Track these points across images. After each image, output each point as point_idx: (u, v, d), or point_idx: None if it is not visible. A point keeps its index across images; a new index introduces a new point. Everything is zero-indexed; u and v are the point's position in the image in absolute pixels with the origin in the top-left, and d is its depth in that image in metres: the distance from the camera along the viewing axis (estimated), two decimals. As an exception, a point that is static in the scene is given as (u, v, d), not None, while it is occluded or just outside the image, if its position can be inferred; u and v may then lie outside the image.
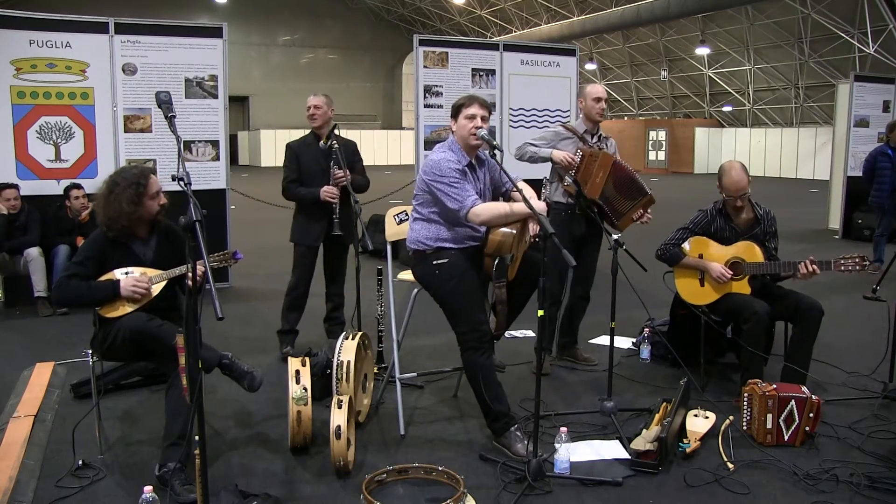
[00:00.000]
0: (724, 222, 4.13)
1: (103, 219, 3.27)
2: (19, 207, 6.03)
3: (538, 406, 3.05)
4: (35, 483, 3.05)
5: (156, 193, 3.30)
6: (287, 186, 4.72)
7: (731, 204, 4.08)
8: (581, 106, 4.61)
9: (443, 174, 3.34)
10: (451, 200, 3.32)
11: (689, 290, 4.17)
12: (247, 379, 3.37)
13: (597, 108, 4.53)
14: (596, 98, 4.52)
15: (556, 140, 4.50)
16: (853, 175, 10.35)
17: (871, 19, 21.07)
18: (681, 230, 4.22)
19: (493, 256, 3.33)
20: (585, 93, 4.57)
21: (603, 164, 4.31)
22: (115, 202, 3.22)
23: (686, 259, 4.15)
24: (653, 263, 4.11)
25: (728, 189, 4.05)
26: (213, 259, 3.35)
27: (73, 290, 3.18)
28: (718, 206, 4.16)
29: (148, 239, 3.38)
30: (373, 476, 2.86)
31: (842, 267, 3.79)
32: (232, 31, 7.97)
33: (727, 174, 4.06)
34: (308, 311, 4.97)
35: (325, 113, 4.73)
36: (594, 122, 4.57)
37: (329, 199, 4.56)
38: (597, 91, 4.55)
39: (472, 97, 3.50)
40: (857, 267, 3.77)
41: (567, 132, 4.52)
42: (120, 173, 3.33)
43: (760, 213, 4.16)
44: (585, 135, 4.51)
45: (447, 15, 35.64)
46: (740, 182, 4.01)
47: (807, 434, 3.42)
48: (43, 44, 6.24)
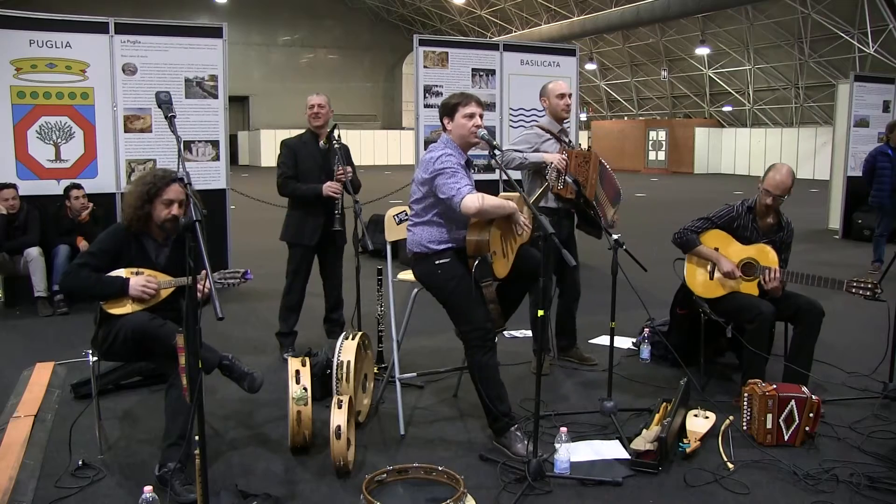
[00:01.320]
0: (748, 221, 4.11)
1: (122, 206, 3.37)
2: (18, 207, 6.02)
3: (538, 406, 3.05)
4: (35, 483, 3.05)
5: (169, 201, 3.24)
6: (285, 182, 4.68)
7: (762, 202, 4.05)
8: (545, 105, 4.48)
9: (442, 166, 3.34)
10: (448, 188, 3.31)
11: (698, 280, 4.16)
12: (247, 380, 3.37)
13: (562, 105, 4.43)
14: (560, 95, 4.42)
15: (539, 141, 4.41)
16: (853, 175, 10.35)
17: (871, 19, 21.07)
18: (702, 220, 4.20)
19: (474, 257, 3.33)
20: (548, 91, 4.45)
21: (594, 165, 4.28)
22: (129, 195, 3.31)
23: (701, 247, 4.12)
24: (653, 263, 4.11)
25: (769, 184, 4.01)
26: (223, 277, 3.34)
27: (82, 280, 3.17)
28: (749, 203, 4.14)
29: (164, 242, 3.37)
30: (373, 476, 2.86)
31: (853, 290, 3.77)
32: (232, 31, 7.96)
33: (776, 171, 4.04)
34: (307, 310, 4.97)
35: (327, 112, 4.75)
36: (560, 119, 4.48)
37: (333, 195, 4.56)
38: (560, 87, 4.44)
39: (468, 95, 3.48)
40: (867, 293, 3.74)
41: (545, 133, 4.44)
42: (151, 171, 3.38)
43: (784, 222, 4.17)
44: (560, 134, 4.44)
45: (447, 15, 35.63)
46: (784, 183, 3.99)
47: (807, 434, 3.42)
48: (43, 44, 6.24)
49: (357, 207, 4.41)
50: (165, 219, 3.25)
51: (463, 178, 3.35)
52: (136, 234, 3.29)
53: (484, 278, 3.31)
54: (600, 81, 35.07)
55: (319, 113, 4.71)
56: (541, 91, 4.55)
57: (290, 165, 4.69)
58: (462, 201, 3.26)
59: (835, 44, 23.14)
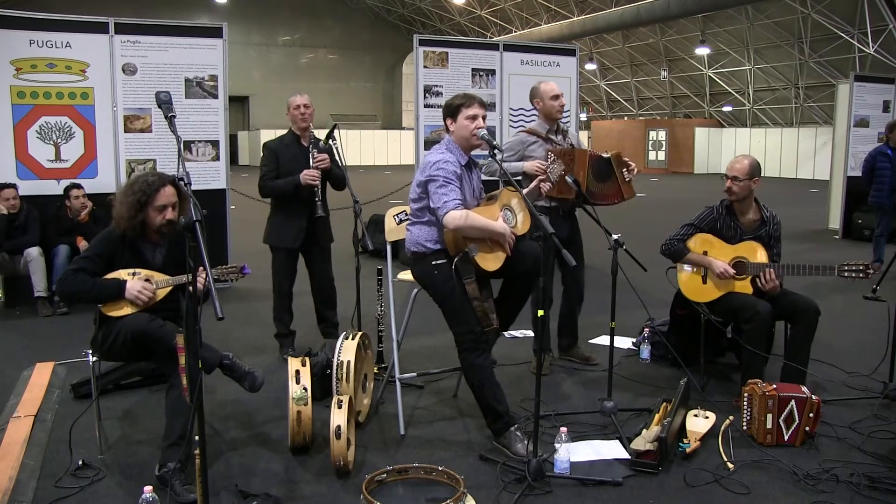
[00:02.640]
0: (729, 220, 4.12)
1: (114, 215, 3.30)
2: (18, 207, 6.03)
3: (538, 406, 3.05)
4: (35, 483, 3.05)
5: (162, 207, 3.23)
6: (264, 184, 4.67)
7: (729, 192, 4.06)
8: (539, 106, 4.45)
9: (437, 173, 3.32)
10: (436, 198, 3.29)
11: (691, 286, 4.16)
12: (248, 379, 3.37)
13: (556, 106, 4.40)
14: (554, 96, 4.39)
15: (522, 148, 4.39)
16: (853, 175, 10.34)
17: (871, 19, 21.07)
18: (686, 226, 4.21)
19: (456, 255, 3.31)
20: (541, 92, 4.41)
21: (581, 162, 4.26)
22: (121, 205, 3.25)
23: (690, 255, 4.13)
24: (653, 263, 4.11)
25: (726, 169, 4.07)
26: (221, 273, 3.35)
27: (78, 284, 3.17)
28: (726, 203, 4.15)
29: (159, 243, 3.37)
30: (373, 476, 2.86)
31: (845, 273, 3.78)
32: (232, 31, 7.97)
33: (735, 159, 4.09)
34: (307, 310, 4.97)
35: (312, 112, 4.73)
36: (554, 119, 4.46)
37: (311, 182, 4.54)
38: (553, 88, 4.41)
39: (471, 96, 3.46)
40: (860, 274, 3.76)
41: (532, 137, 4.42)
42: (140, 178, 3.30)
43: (767, 216, 4.16)
44: (549, 135, 4.43)
45: (447, 15, 35.63)
46: (736, 163, 4.03)
47: (807, 434, 3.42)
48: (43, 44, 6.24)
49: (357, 207, 4.40)
50: (161, 224, 3.25)
51: (453, 189, 3.31)
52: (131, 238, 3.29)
53: (466, 275, 3.29)
54: (600, 81, 35.08)
55: (306, 114, 4.69)
56: (532, 92, 4.51)
57: (271, 168, 4.68)
58: (445, 216, 3.25)
59: (835, 44, 23.15)
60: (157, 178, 3.27)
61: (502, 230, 3.37)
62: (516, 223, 3.57)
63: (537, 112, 4.51)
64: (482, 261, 3.35)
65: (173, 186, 3.26)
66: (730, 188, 4.05)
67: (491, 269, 3.39)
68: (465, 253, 3.28)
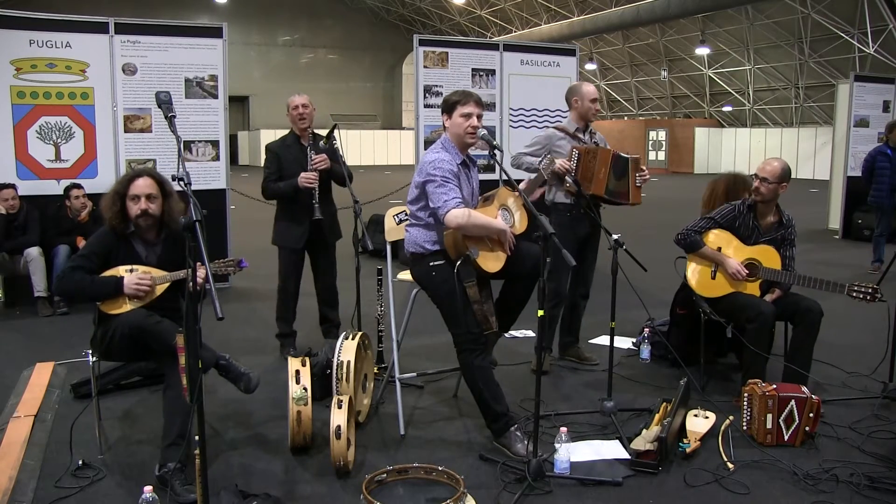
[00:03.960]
0: (749, 219, 4.11)
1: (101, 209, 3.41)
2: (18, 207, 6.03)
3: (538, 406, 3.05)
4: (35, 483, 3.05)
5: (135, 197, 3.26)
6: (267, 186, 4.70)
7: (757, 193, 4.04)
8: (577, 105, 4.51)
9: (434, 173, 3.32)
10: (436, 198, 3.30)
11: (699, 279, 4.15)
12: (243, 380, 3.37)
13: (592, 109, 4.51)
14: (593, 99, 4.50)
15: (550, 143, 4.45)
16: (853, 175, 10.34)
17: (871, 19, 21.07)
18: (705, 219, 4.20)
19: (457, 258, 3.32)
20: (582, 93, 4.48)
21: (603, 160, 4.29)
22: (104, 199, 3.37)
23: (705, 248, 4.12)
24: (653, 263, 4.11)
25: (759, 169, 4.04)
26: (219, 266, 3.36)
27: (75, 283, 3.18)
28: (749, 202, 4.15)
29: (155, 241, 3.38)
30: (373, 476, 2.86)
31: (854, 293, 3.78)
32: (232, 31, 7.97)
33: (768, 161, 4.07)
34: (306, 310, 4.96)
35: (311, 112, 4.73)
36: (587, 121, 4.54)
37: (308, 185, 4.56)
38: (593, 91, 4.52)
39: (468, 94, 3.46)
40: (867, 297, 3.75)
41: (560, 133, 4.49)
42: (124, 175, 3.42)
43: (785, 219, 4.16)
44: (577, 133, 4.49)
45: (447, 15, 35.63)
46: (777, 169, 3.99)
47: (807, 434, 3.42)
48: (43, 44, 6.24)
49: (357, 207, 4.40)
50: (136, 215, 3.27)
51: (452, 188, 3.31)
52: (125, 235, 3.31)
53: (468, 278, 3.29)
54: (600, 81, 35.06)
55: (304, 114, 4.69)
56: (572, 90, 4.56)
57: (273, 170, 4.69)
58: (447, 215, 3.25)
59: (835, 44, 23.15)
60: (133, 171, 3.38)
61: (503, 228, 3.38)
62: (514, 222, 3.59)
63: (572, 110, 4.56)
64: (483, 261, 3.35)
65: (152, 179, 3.32)
66: (758, 188, 4.04)
67: (492, 270, 3.39)
68: (467, 256, 3.28)
